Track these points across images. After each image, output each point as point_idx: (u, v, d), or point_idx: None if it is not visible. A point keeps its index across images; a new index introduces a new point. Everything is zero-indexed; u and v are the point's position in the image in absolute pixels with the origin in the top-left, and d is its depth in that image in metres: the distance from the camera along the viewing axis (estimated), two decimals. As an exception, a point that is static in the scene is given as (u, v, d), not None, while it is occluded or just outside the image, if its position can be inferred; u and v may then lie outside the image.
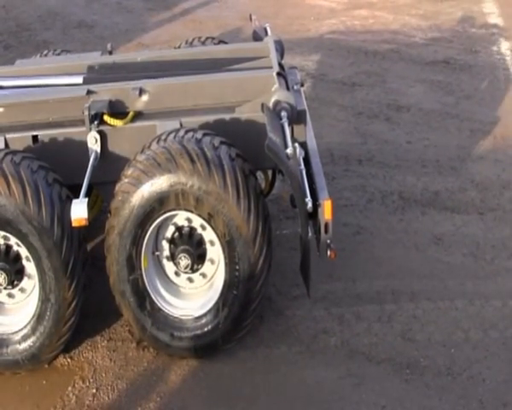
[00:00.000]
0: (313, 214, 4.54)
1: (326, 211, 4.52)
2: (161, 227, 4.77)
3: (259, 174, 5.23)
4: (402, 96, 8.31)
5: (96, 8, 11.89)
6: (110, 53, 6.06)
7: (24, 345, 4.79)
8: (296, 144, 4.64)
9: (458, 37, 9.91)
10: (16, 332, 4.81)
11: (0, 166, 4.59)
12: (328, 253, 4.56)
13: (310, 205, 4.45)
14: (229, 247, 4.62)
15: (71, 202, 4.51)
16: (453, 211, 6.27)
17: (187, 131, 4.68)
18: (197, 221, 4.72)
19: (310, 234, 4.55)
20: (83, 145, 4.95)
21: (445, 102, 8.16)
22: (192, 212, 4.62)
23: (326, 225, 4.54)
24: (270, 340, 5.04)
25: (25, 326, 4.79)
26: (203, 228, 4.74)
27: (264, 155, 4.41)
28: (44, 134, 5.04)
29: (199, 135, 4.64)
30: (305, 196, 4.48)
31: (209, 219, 4.59)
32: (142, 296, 4.76)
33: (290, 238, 5.80)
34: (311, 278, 4.64)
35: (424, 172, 6.82)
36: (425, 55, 9.35)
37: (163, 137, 4.67)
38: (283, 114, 4.84)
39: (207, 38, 6.26)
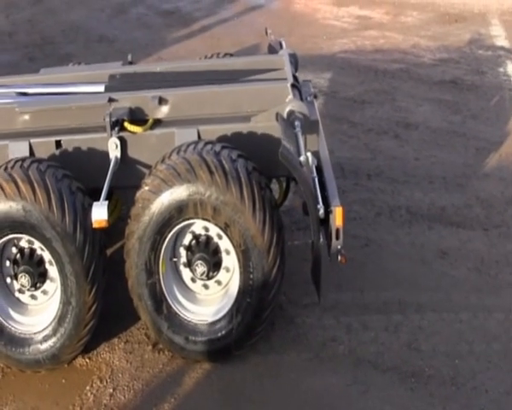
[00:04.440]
0: (325, 221, 4.59)
1: (337, 217, 4.57)
2: (179, 234, 4.84)
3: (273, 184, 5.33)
4: (410, 114, 8.40)
5: (116, 24, 12.06)
6: (130, 63, 6.16)
7: (45, 345, 4.88)
8: (309, 153, 4.69)
9: (466, 58, 10.01)
10: (38, 333, 4.90)
11: (26, 174, 4.68)
12: (339, 258, 4.61)
13: (321, 211, 4.50)
14: (244, 256, 4.69)
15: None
16: (459, 226, 6.34)
17: (206, 144, 4.76)
18: (214, 230, 4.79)
19: (321, 240, 4.61)
20: (104, 150, 5.04)
21: (452, 120, 8.25)
22: (209, 221, 4.69)
23: (337, 232, 4.59)
24: (280, 346, 5.11)
25: (46, 327, 4.88)
26: (219, 237, 4.81)
27: (277, 163, 4.48)
28: (67, 139, 5.13)
29: (217, 147, 4.72)
30: (317, 203, 4.53)
31: (225, 228, 4.66)
32: (159, 300, 4.84)
33: (301, 249, 5.86)
34: (321, 282, 4.69)
35: (431, 188, 6.90)
36: (433, 75, 9.44)
37: (183, 149, 4.75)
38: (297, 123, 4.89)
39: (225, 55, 6.37)
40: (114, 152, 5.01)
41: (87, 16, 12.52)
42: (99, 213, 4.55)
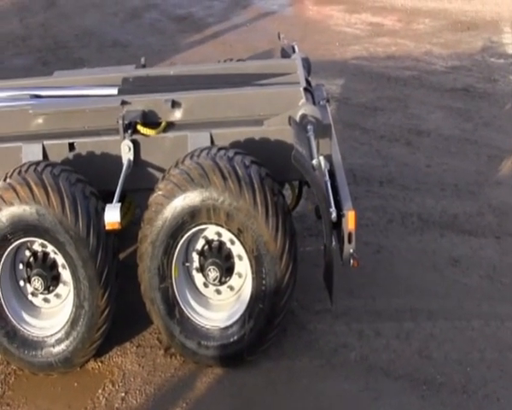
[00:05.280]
0: (337, 224, 4.60)
1: (350, 221, 4.58)
2: (192, 239, 4.86)
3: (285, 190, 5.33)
4: (422, 121, 8.40)
5: (130, 29, 12.13)
6: (144, 66, 6.16)
7: (58, 348, 4.92)
8: (321, 157, 4.70)
9: (478, 65, 10.00)
10: (51, 336, 4.94)
11: (40, 178, 4.71)
12: (351, 262, 4.62)
13: (334, 215, 4.51)
14: (256, 262, 4.71)
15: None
16: (470, 234, 6.34)
17: (219, 149, 4.78)
18: (226, 236, 4.82)
19: (334, 244, 4.61)
20: (117, 153, 5.06)
21: (464, 128, 8.25)
22: (222, 226, 4.71)
23: (349, 235, 4.59)
24: (292, 352, 5.13)
25: (59, 331, 4.92)
26: (232, 242, 4.83)
27: (290, 167, 4.49)
28: (80, 142, 5.14)
29: (231, 153, 4.74)
30: (330, 206, 4.54)
31: (238, 234, 4.68)
32: (171, 305, 4.86)
33: (313, 255, 5.87)
34: (333, 286, 4.69)
35: (443, 196, 6.90)
36: (445, 83, 9.44)
37: (196, 154, 4.77)
38: (309, 127, 4.90)
39: (238, 61, 6.37)
40: (127, 155, 5.04)
41: (100, 21, 12.59)
42: (112, 216, 4.58)
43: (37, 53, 11.16)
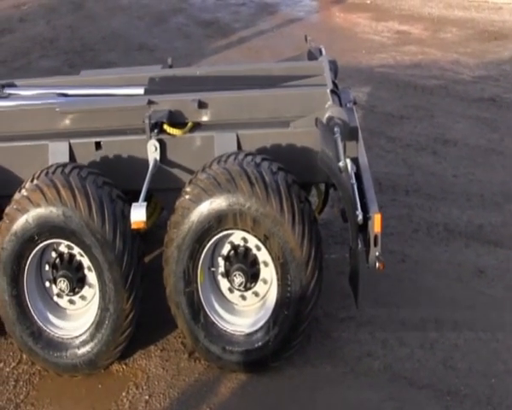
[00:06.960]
0: (363, 227, 4.58)
1: (376, 224, 4.56)
2: (218, 244, 4.86)
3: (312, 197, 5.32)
4: (449, 130, 8.37)
5: (156, 33, 12.19)
6: (170, 67, 6.17)
7: (82, 350, 4.93)
8: (348, 159, 4.69)
9: (505, 76, 9.96)
10: (76, 337, 4.96)
11: (67, 180, 4.73)
12: (377, 265, 4.60)
13: (360, 217, 4.49)
14: (282, 269, 4.70)
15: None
16: (496, 245, 6.30)
17: (246, 155, 4.78)
18: (253, 242, 4.81)
19: (360, 246, 4.60)
20: (143, 152, 5.06)
21: (491, 138, 8.20)
22: (248, 232, 4.71)
23: (375, 238, 4.58)
24: (316, 360, 5.12)
25: (84, 332, 4.93)
26: (258, 249, 4.83)
27: (317, 169, 4.50)
28: (107, 141, 5.15)
29: (258, 159, 4.74)
30: (356, 209, 4.53)
31: (264, 240, 4.68)
32: (196, 309, 4.86)
33: (338, 262, 5.87)
34: (359, 288, 4.69)
35: (469, 206, 6.87)
36: (472, 92, 9.40)
37: (223, 159, 4.77)
38: (336, 129, 4.84)
39: None
40: (153, 154, 5.04)
41: (127, 24, 12.67)
42: (137, 215, 4.57)
43: (64, 55, 11.26)
